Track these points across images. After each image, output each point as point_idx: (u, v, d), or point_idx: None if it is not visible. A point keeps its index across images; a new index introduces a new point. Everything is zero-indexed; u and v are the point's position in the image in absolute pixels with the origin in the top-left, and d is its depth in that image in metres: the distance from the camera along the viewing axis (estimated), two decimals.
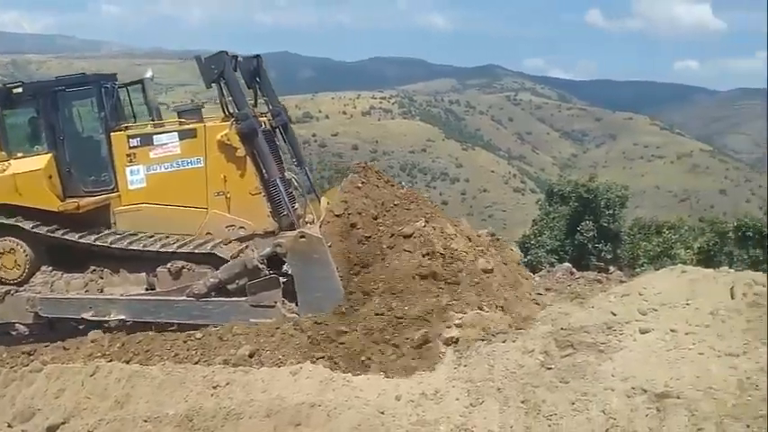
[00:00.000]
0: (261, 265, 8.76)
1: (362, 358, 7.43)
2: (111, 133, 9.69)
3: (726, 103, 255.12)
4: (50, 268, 9.73)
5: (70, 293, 9.47)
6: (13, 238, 9.56)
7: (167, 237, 9.45)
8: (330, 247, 8.42)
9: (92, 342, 8.80)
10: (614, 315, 7.94)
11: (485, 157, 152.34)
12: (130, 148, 9.55)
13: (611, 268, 14.37)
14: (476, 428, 6.11)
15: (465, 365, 7.13)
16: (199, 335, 8.61)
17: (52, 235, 9.41)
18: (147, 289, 9.41)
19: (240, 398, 7.01)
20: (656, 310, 7.78)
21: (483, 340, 7.41)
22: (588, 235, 19.17)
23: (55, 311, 9.45)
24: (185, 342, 8.52)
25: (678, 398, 6.09)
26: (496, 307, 8.14)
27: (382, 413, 6.47)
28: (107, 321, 9.19)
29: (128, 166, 9.60)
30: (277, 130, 10.19)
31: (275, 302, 8.68)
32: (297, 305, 8.60)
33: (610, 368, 6.81)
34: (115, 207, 9.79)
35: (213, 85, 9.24)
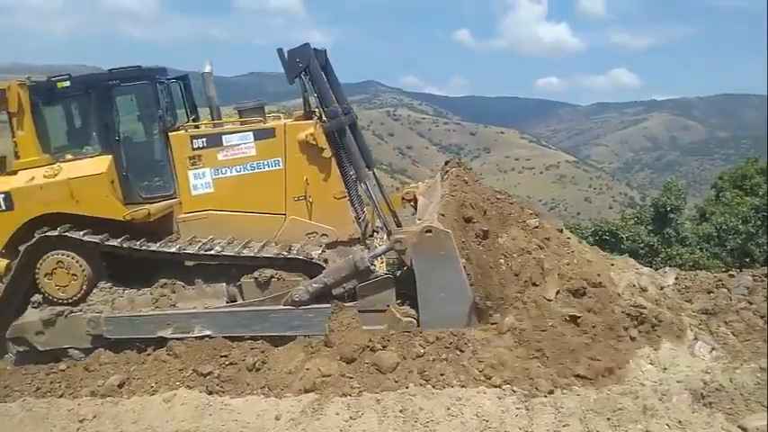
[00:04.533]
0: (372, 266, 8.01)
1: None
2: (170, 133, 8.72)
3: (586, 116, 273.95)
4: (109, 284, 8.62)
5: (142, 310, 8.34)
6: (67, 252, 8.38)
7: (252, 243, 8.54)
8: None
9: None
10: None
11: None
12: (194, 149, 8.60)
13: None
14: None
15: None
16: (63, 366, 8.13)
17: (136, 248, 8.30)
18: (228, 302, 8.41)
19: (109, 431, 6.67)
20: None
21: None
22: None
23: (124, 332, 8.24)
24: (48, 375, 8.00)
25: (545, 396, 6.45)
26: None
27: None
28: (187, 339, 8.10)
29: (191, 169, 8.63)
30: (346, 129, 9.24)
31: (388, 306, 7.85)
32: (412, 307, 7.84)
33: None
34: (177, 214, 8.78)
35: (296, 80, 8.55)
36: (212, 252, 8.25)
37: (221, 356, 7.66)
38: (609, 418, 6.08)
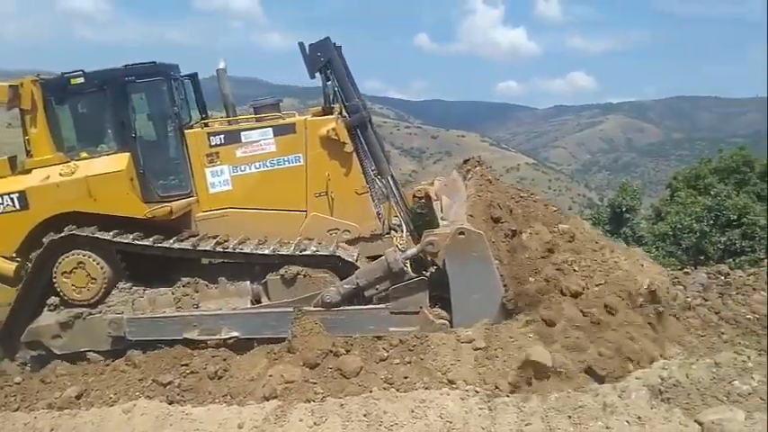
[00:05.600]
0: (406, 267, 7.83)
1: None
2: (186, 131, 8.55)
3: (544, 119, 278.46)
4: (129, 284, 8.35)
5: (168, 311, 8.07)
6: (85, 252, 8.12)
7: (277, 240, 8.37)
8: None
9: None
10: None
11: None
12: (212, 146, 8.46)
13: None
14: None
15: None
16: (18, 379, 7.93)
17: (230, 251, 8.07)
18: (253, 301, 8.20)
19: None
20: None
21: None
22: None
23: (148, 333, 7.97)
24: (2, 388, 7.80)
25: (507, 396, 6.51)
26: None
27: None
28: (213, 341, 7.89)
29: (208, 167, 8.51)
30: None
31: (420, 308, 7.69)
32: (442, 308, 7.73)
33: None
34: (195, 213, 8.60)
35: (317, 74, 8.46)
36: (307, 253, 8.11)
37: (182, 365, 7.55)
38: (570, 416, 6.15)
